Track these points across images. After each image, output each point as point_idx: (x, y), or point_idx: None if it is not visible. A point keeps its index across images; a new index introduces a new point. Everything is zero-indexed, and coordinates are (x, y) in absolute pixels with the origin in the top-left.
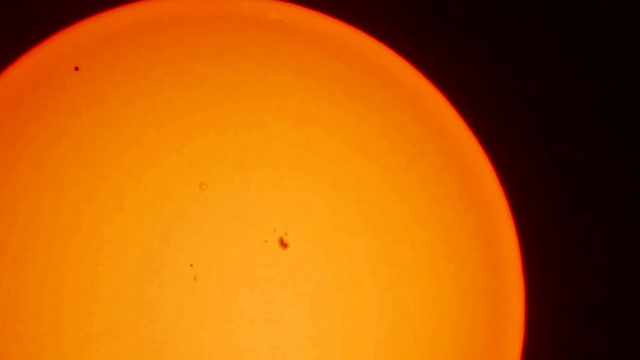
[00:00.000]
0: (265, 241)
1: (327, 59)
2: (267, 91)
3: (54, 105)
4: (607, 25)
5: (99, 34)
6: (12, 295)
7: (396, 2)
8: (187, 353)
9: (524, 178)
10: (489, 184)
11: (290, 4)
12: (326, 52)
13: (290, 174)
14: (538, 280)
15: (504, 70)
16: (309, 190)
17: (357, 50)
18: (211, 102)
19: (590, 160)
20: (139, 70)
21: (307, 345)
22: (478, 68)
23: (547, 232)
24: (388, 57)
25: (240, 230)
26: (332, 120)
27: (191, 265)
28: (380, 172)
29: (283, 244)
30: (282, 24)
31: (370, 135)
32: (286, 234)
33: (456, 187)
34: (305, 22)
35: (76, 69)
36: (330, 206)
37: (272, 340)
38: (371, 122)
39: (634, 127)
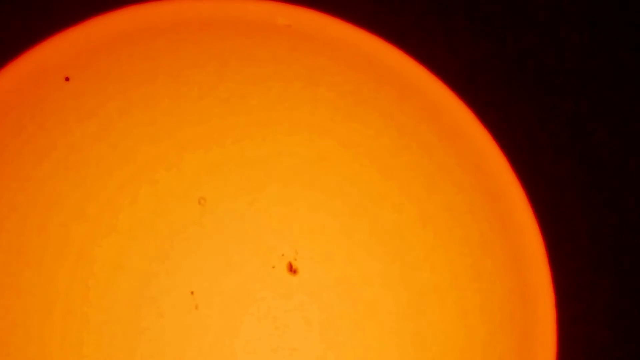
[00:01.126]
0: (273, 266)
1: (340, 68)
2: (275, 102)
3: (41, 118)
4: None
5: (91, 41)
6: None
7: (416, 6)
8: None
9: (556, 197)
10: (518, 205)
11: (300, 7)
12: (339, 59)
13: (300, 193)
14: (571, 309)
15: (533, 81)
16: (321, 210)
17: (373, 58)
18: (213, 114)
19: (626, 178)
20: (134, 80)
21: None
22: (506, 78)
23: (581, 257)
24: (407, 65)
25: (245, 255)
26: (346, 134)
27: (192, 293)
28: (399, 190)
29: (292, 270)
30: (291, 29)
31: (388, 150)
32: (295, 259)
33: (482, 207)
34: (316, 27)
35: (67, 79)
36: (344, 227)
37: None
38: (389, 136)
39: None
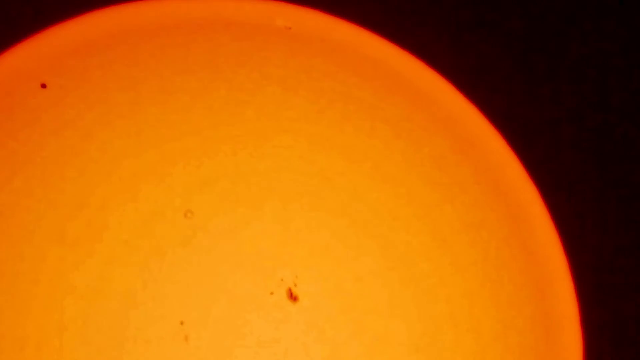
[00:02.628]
0: (271, 293)
1: (346, 74)
2: (274, 112)
3: (14, 128)
4: None
5: (70, 44)
6: None
7: (429, 7)
8: None
9: (582, 215)
10: (541, 225)
11: (302, 8)
12: (345, 65)
13: (301, 211)
14: (599, 342)
15: (556, 89)
16: (324, 230)
17: (382, 63)
18: (205, 125)
19: None
20: (117, 87)
21: None
22: (527, 86)
23: (610, 283)
24: (419, 71)
25: (240, 280)
26: (352, 147)
27: (181, 323)
28: (411, 210)
29: (292, 297)
30: (292, 31)
31: (399, 165)
32: (296, 285)
33: (502, 228)
34: (319, 29)
35: (43, 86)
36: (349, 250)
37: None
38: (399, 149)
39: None
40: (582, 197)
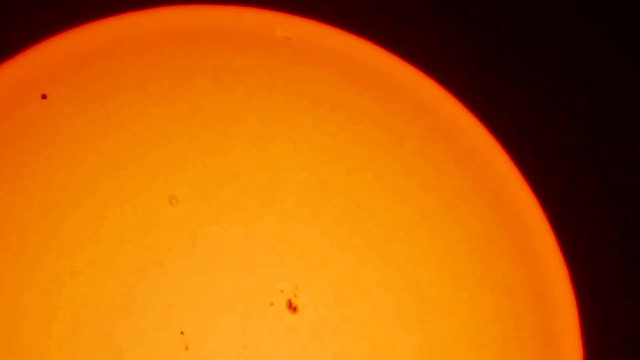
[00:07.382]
0: (271, 304)
1: (345, 84)
2: (274, 123)
3: (14, 138)
4: None
5: (70, 54)
6: None
7: (427, 18)
8: None
9: (583, 227)
10: (542, 236)
11: (301, 18)
12: (344, 75)
13: (301, 222)
14: (599, 352)
15: (555, 97)
16: (324, 241)
17: (381, 74)
18: (205, 136)
19: None
20: (117, 96)
21: None
22: (525, 96)
23: (611, 294)
24: (419, 81)
25: (240, 291)
26: (353, 158)
27: (182, 333)
28: (412, 219)
29: (292, 307)
30: (291, 41)
31: (399, 175)
32: (296, 295)
33: (503, 238)
34: (318, 39)
35: (43, 96)
36: (350, 260)
37: None
38: (400, 161)
39: None
40: (582, 207)
